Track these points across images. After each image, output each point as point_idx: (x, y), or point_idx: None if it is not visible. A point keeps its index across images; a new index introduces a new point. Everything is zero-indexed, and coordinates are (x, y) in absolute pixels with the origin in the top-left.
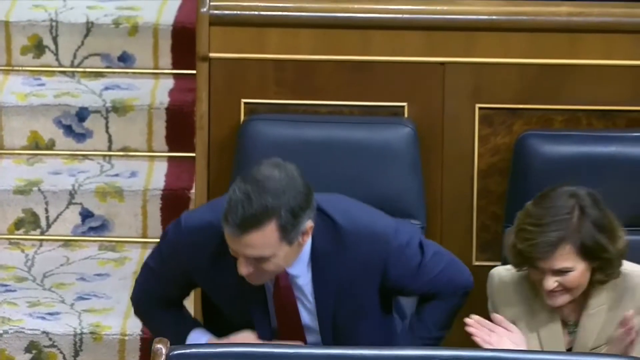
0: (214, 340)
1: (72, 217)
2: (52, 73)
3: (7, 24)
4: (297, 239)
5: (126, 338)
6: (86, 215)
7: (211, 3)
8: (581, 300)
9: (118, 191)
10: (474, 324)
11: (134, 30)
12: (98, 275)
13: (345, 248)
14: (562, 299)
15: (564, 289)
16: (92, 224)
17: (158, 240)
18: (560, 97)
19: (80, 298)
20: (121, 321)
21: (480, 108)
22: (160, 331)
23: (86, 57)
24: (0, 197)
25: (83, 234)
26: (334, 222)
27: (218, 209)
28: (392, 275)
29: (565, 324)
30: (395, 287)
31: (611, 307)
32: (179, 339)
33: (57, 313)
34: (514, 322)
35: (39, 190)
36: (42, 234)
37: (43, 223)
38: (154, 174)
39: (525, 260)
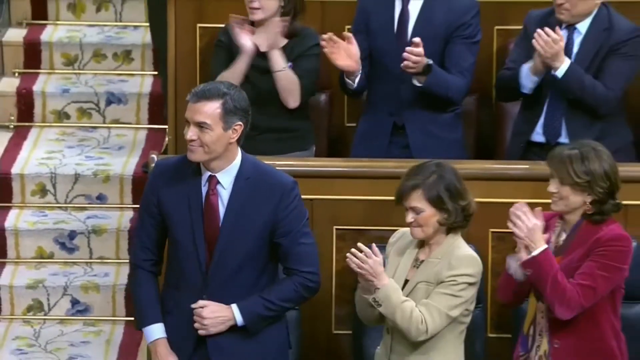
0: (162, 341)
1: (65, 304)
2: (52, 208)
3: (22, 175)
4: (230, 128)
5: None
6: (75, 302)
7: None
8: (431, 249)
9: (96, 286)
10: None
11: (107, 179)
12: (83, 342)
13: (260, 176)
14: (417, 232)
15: (419, 225)
16: (79, 308)
17: (124, 318)
18: (392, 221)
19: (71, 358)
20: None
21: (336, 229)
22: (135, 302)
23: (75, 197)
24: (17, 291)
25: (73, 315)
26: (257, 161)
27: (181, 156)
28: (280, 212)
29: (416, 260)
30: (276, 227)
31: (437, 263)
32: (141, 317)
33: None
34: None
35: (43, 286)
36: (45, 315)
37: (46, 308)
38: (120, 274)
39: (397, 199)
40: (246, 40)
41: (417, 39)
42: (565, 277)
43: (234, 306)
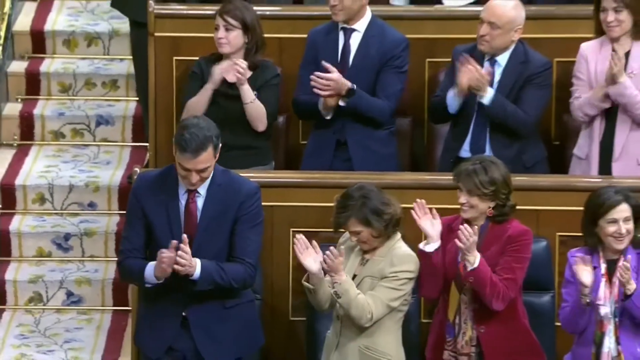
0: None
1: (61, 295)
2: (50, 214)
3: (24, 186)
4: (216, 154)
5: None
6: (70, 294)
7: None
8: (375, 249)
9: (88, 280)
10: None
11: (97, 189)
12: (76, 328)
13: (229, 182)
14: (365, 246)
15: (363, 242)
16: (73, 299)
17: (111, 308)
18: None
19: (66, 342)
20: (90, 354)
21: (293, 231)
22: (133, 274)
23: (70, 204)
24: (20, 285)
25: (68, 305)
26: (226, 170)
27: (160, 170)
28: (242, 210)
29: (363, 258)
30: (236, 221)
31: (381, 261)
32: (140, 275)
33: (53, 351)
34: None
35: (42, 280)
36: (44, 305)
37: (45, 299)
38: (108, 270)
39: (335, 228)
40: (219, 74)
41: (327, 65)
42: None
43: (199, 262)
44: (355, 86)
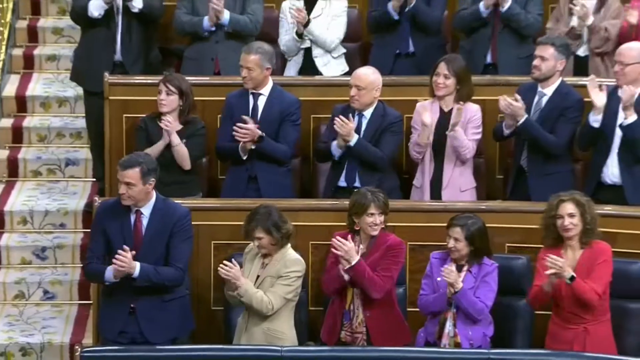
0: (111, 269)
1: (39, 293)
2: (31, 232)
3: (11, 212)
4: (147, 183)
5: (63, 344)
6: (46, 292)
7: None
8: (272, 256)
9: (60, 282)
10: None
11: (66, 213)
12: (51, 317)
13: (166, 207)
14: (263, 251)
15: (263, 247)
16: (48, 296)
17: (77, 302)
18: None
19: (43, 328)
20: (61, 337)
21: (214, 243)
22: (96, 276)
23: (45, 225)
24: (8, 285)
25: (44, 300)
26: (165, 198)
27: (115, 199)
28: (175, 227)
29: (263, 263)
30: (171, 235)
31: (277, 264)
32: (103, 275)
33: (33, 334)
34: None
35: (25, 282)
36: (26, 301)
37: (27, 296)
38: (75, 273)
39: (245, 236)
40: (173, 136)
41: (246, 117)
42: (372, 271)
43: (138, 264)
44: (264, 134)
